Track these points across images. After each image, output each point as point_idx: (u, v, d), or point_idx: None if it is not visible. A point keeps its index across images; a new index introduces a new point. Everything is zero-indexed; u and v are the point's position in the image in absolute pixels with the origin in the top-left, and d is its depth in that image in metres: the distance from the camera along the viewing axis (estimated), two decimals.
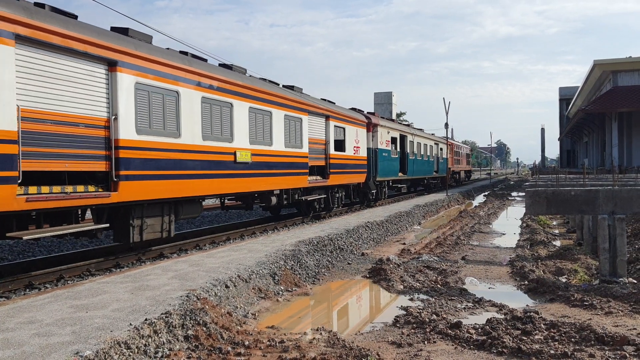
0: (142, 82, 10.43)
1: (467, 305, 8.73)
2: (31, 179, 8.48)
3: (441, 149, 40.48)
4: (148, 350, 5.64)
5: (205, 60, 13.21)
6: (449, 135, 38.76)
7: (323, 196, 19.62)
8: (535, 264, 12.05)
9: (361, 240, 14.95)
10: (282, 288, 9.51)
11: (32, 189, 8.39)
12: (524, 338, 6.66)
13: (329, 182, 19.52)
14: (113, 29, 10.53)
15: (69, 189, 8.95)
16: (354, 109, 24.61)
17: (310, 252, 11.81)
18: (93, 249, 12.24)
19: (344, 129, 20.97)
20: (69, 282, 9.70)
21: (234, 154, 13.58)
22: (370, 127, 24.48)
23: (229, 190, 13.78)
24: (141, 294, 7.44)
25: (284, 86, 17.21)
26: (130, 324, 5.92)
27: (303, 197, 17.94)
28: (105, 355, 5.16)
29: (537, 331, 6.93)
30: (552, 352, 6.13)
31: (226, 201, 16.32)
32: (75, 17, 9.52)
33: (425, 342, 6.75)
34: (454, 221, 21.97)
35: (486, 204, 31.98)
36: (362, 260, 12.94)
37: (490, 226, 21.38)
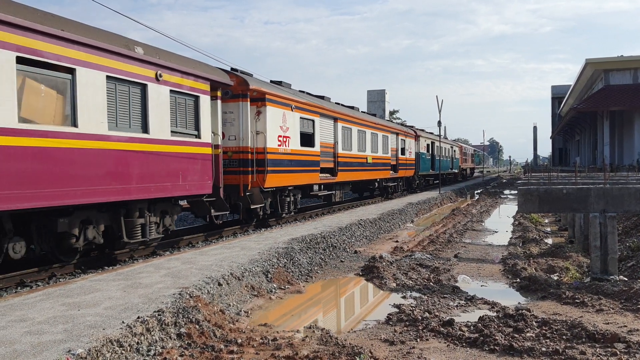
0: (344, 126, 22.12)
1: (459, 303, 8.77)
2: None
3: (455, 151, 51.69)
4: (140, 349, 5.63)
5: (356, 108, 26.20)
6: (442, 133, 40.58)
7: (394, 184, 31.04)
8: (527, 262, 12.11)
9: (354, 238, 14.97)
10: (274, 286, 9.50)
11: (321, 175, 19.70)
12: (516, 335, 6.70)
13: (398, 174, 31.04)
14: (317, 96, 20.85)
15: (325, 175, 20.24)
16: (403, 125, 38.87)
17: (303, 249, 11.81)
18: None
19: (404, 140, 32.84)
20: (60, 280, 9.63)
21: (366, 158, 24.93)
22: (416, 137, 35.42)
23: (364, 178, 25.10)
24: (133, 291, 7.42)
25: (369, 113, 29.75)
26: (123, 322, 5.90)
27: (385, 184, 29.45)
28: (97, 354, 5.15)
29: (529, 329, 6.97)
30: (543, 349, 6.17)
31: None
32: (322, 97, 21.54)
33: (418, 339, 6.77)
34: (447, 219, 22.05)
35: (479, 201, 32.10)
36: (354, 258, 12.95)
37: (483, 224, 21.47)
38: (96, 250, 11.30)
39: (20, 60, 8.15)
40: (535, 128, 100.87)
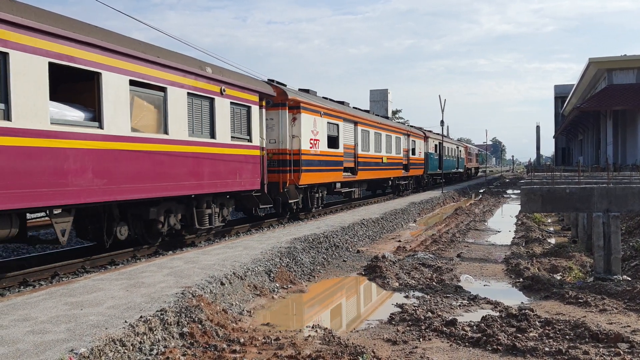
0: (363, 129, 24.09)
1: (462, 302, 8.75)
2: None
3: (460, 151, 53.73)
4: (143, 348, 5.63)
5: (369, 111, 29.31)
6: (445, 133, 40.82)
7: (405, 182, 32.98)
8: (530, 262, 12.08)
9: (356, 238, 14.96)
10: (277, 285, 9.50)
11: (344, 173, 21.49)
12: (519, 335, 6.68)
13: (409, 173, 32.73)
14: (338, 102, 22.85)
15: (347, 173, 22.07)
16: (412, 126, 39.19)
17: (305, 249, 11.81)
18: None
19: (414, 141, 34.70)
20: (63, 279, 9.65)
21: (382, 158, 26.90)
22: (425, 138, 37.38)
23: (380, 176, 27.00)
24: (136, 291, 7.42)
25: (382, 116, 32.78)
26: (125, 322, 5.91)
27: (398, 182, 31.41)
28: (100, 353, 5.15)
29: (532, 328, 6.95)
30: (546, 349, 6.16)
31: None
32: (342, 102, 23.39)
33: (421, 339, 6.76)
34: (450, 219, 22.02)
35: (481, 201, 32.06)
36: (357, 257, 12.95)
37: (486, 224, 21.44)
38: (174, 235, 13.17)
39: (131, 83, 10.29)
40: (538, 128, 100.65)
